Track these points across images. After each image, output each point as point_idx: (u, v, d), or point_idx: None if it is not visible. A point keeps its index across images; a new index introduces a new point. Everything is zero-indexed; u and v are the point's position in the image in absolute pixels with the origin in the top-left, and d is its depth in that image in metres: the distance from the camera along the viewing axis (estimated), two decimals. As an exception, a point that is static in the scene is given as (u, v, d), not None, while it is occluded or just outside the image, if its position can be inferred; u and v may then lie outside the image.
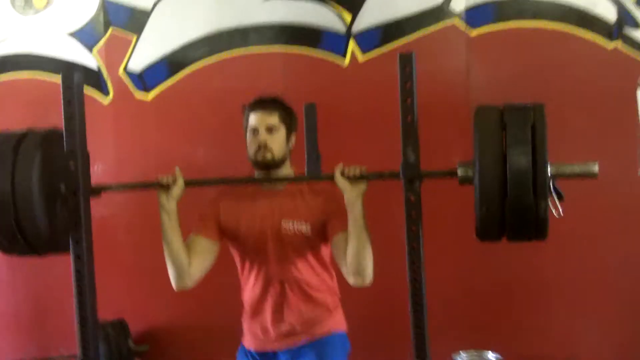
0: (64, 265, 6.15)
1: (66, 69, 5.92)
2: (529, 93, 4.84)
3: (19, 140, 3.09)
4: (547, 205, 2.78)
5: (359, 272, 3.03)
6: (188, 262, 3.14)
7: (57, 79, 6.10)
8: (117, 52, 6.12)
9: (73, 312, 6.16)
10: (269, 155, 3.16)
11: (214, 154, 5.71)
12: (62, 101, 3.26)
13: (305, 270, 3.24)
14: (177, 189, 3.12)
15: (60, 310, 6.30)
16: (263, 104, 3.23)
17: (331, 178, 3.06)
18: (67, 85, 3.26)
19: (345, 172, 3.02)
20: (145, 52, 6.07)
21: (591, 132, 5.45)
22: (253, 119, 3.22)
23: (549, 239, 5.61)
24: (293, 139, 3.28)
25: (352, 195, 3.01)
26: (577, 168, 2.96)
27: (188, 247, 3.19)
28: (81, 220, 3.27)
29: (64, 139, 3.23)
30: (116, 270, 5.92)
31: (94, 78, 6.05)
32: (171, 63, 6.04)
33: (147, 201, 6.03)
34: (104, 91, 6.07)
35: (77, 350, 5.93)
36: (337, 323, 3.35)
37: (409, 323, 3.17)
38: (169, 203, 3.12)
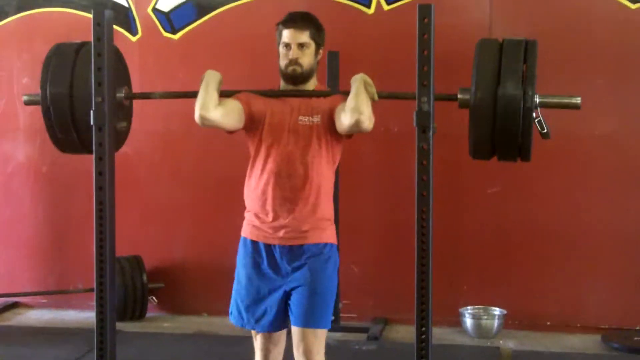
0: (85, 200, 6.31)
1: (97, 6, 5.97)
2: (552, 50, 4.88)
3: (78, 49, 3.46)
4: (531, 129, 3.06)
5: (356, 108, 3.23)
6: (217, 104, 3.36)
7: (86, 14, 6.26)
8: (146, -8, 6.19)
9: (91, 247, 6.31)
10: (298, 69, 3.45)
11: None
12: (92, 38, 3.32)
13: (314, 171, 3.41)
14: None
15: (79, 245, 6.42)
16: (295, 21, 3.48)
17: (348, 93, 3.34)
18: (98, 22, 3.33)
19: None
20: (173, -7, 6.14)
21: (609, 91, 5.49)
22: (286, 35, 3.46)
23: (561, 196, 5.75)
24: (321, 53, 3.55)
25: (358, 76, 3.39)
26: (563, 99, 3.22)
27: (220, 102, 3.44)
28: (106, 154, 3.36)
29: (92, 74, 3.32)
30: (133, 208, 6.01)
31: (124, 15, 6.14)
32: (199, 5, 6.11)
33: (167, 140, 6.17)
34: (133, 31, 6.15)
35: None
36: (333, 236, 3.52)
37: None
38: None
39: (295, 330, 3.45)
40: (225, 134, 3.52)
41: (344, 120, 3.29)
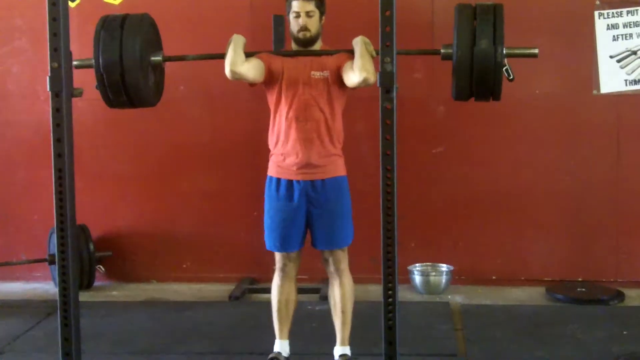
0: (25, 170, 6.22)
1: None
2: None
3: (122, 23, 3.82)
4: (501, 75, 3.58)
5: (363, 67, 3.83)
6: (244, 61, 3.95)
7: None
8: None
9: (34, 218, 6.25)
10: (308, 34, 4.10)
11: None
12: (47, 3, 3.26)
13: (327, 115, 4.08)
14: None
15: (20, 216, 6.34)
16: None
17: (350, 52, 3.98)
18: (52, -14, 3.27)
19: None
20: (113, -45, 6.02)
21: (549, 51, 5.59)
22: (295, 5, 4.10)
23: (502, 154, 5.87)
24: (323, 19, 4.18)
25: (358, 39, 3.99)
26: (524, 50, 3.74)
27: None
28: (64, 120, 3.34)
29: (48, 39, 3.27)
30: (76, 177, 5.92)
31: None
32: (139, -32, 6.00)
33: (110, 109, 6.09)
34: (71, -5, 6.01)
35: (42, 253, 6.04)
36: (343, 168, 4.20)
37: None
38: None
39: (324, 251, 4.23)
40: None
41: (353, 77, 3.92)
